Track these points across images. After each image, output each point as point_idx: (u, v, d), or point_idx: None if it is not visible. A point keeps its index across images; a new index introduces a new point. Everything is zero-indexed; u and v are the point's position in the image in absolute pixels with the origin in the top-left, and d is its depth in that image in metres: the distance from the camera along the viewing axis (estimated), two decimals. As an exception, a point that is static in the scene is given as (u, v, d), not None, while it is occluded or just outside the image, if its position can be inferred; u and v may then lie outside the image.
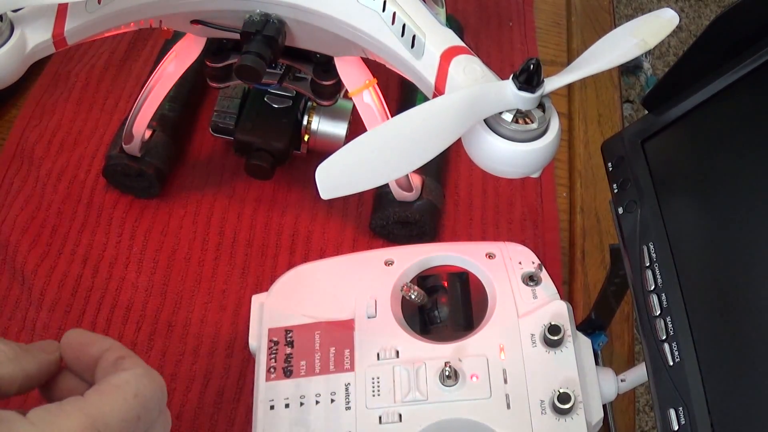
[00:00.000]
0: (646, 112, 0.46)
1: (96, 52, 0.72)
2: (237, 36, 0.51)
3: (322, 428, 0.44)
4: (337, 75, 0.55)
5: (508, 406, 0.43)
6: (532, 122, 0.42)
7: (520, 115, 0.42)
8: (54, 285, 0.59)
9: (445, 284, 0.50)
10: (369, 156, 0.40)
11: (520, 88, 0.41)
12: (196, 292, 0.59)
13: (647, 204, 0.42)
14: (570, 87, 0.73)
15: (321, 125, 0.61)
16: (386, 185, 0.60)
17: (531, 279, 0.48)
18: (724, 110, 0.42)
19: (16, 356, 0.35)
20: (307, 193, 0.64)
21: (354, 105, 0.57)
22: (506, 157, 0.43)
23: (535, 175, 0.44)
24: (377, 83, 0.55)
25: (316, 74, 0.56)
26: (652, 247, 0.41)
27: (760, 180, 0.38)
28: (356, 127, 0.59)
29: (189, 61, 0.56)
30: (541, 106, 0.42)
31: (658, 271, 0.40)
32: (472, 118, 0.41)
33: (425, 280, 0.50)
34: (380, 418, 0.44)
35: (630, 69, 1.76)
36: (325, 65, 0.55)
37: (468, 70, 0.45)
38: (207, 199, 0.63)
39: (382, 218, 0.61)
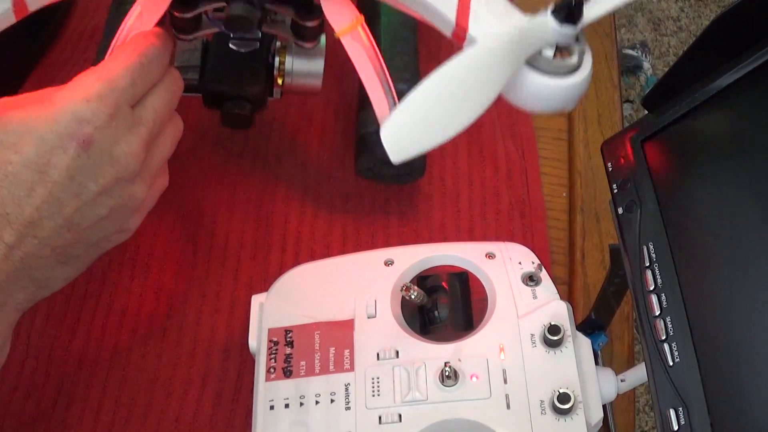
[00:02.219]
0: (646, 112, 0.46)
1: (88, 57, 0.72)
2: None
3: (322, 428, 0.44)
4: (321, 14, 0.51)
5: (508, 407, 0.43)
6: (571, 56, 0.42)
7: (558, 50, 0.42)
8: None
9: (445, 284, 0.50)
10: (431, 111, 0.39)
11: (562, 22, 0.40)
12: (189, 295, 0.59)
13: (647, 204, 0.42)
14: (570, 87, 0.73)
15: (296, 64, 0.57)
16: (367, 123, 0.57)
17: (531, 279, 0.48)
18: (724, 110, 0.42)
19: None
20: (293, 193, 0.64)
21: (325, 38, 0.54)
22: (548, 93, 0.42)
23: (569, 109, 0.44)
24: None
25: (299, 15, 0.51)
26: (651, 247, 0.41)
27: (760, 179, 0.38)
28: (331, 61, 0.57)
29: (157, 15, 0.50)
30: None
31: (657, 271, 0.40)
32: (518, 59, 0.41)
33: (425, 280, 0.50)
34: (380, 418, 0.44)
35: (630, 69, 1.76)
36: (308, 5, 0.51)
37: (491, 3, 0.44)
38: (196, 202, 0.63)
39: (369, 160, 0.58)
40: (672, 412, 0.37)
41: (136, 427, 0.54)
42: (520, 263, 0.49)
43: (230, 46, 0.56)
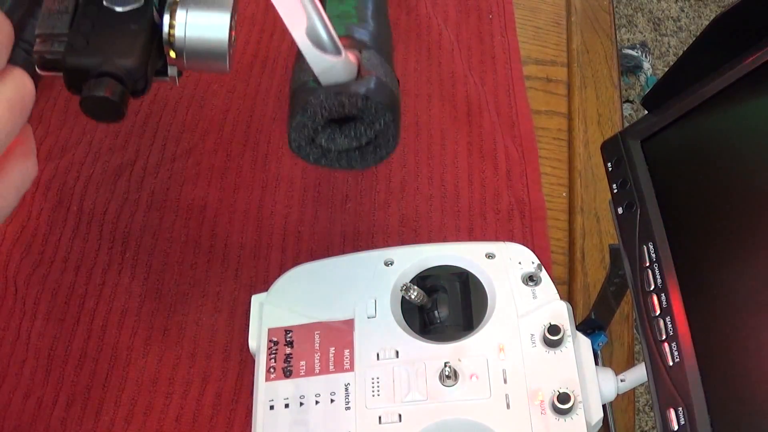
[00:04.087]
0: (646, 112, 0.46)
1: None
2: None
3: (322, 428, 0.44)
4: None
5: (508, 406, 0.43)
6: None
7: None
8: (47, 294, 0.58)
9: (445, 284, 0.50)
10: None
11: None
12: (190, 296, 0.59)
13: (647, 204, 0.42)
14: (570, 87, 0.73)
15: (190, 24, 0.42)
16: (302, 71, 0.40)
17: (531, 279, 0.48)
18: (724, 110, 0.42)
19: None
20: (294, 193, 0.64)
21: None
22: None
23: None
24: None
25: None
26: (651, 246, 0.41)
27: (759, 179, 0.38)
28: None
29: None
30: None
31: (657, 271, 0.40)
32: None
33: (425, 280, 0.50)
34: (380, 418, 0.44)
35: (630, 69, 1.76)
36: None
37: None
38: (197, 203, 0.63)
39: (306, 120, 0.39)
40: (672, 412, 0.37)
41: (137, 427, 0.54)
42: (519, 263, 0.49)
43: (105, 4, 0.42)
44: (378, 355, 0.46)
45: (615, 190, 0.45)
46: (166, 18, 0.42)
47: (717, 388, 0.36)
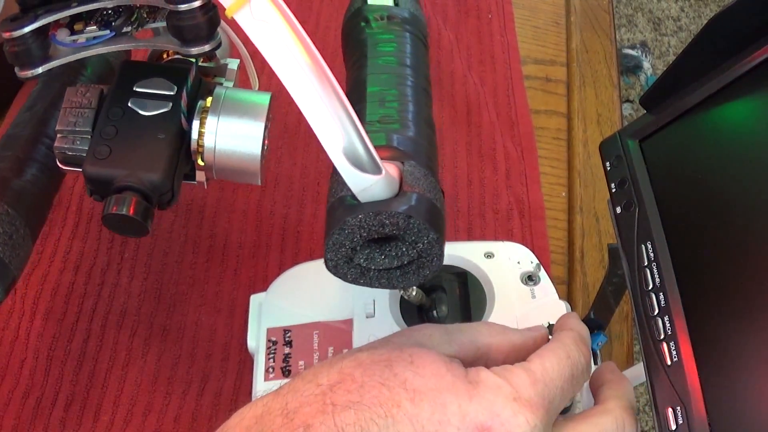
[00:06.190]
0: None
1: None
2: None
3: (321, 428, 0.44)
4: None
5: (507, 406, 0.43)
6: None
7: None
8: (47, 293, 0.59)
9: (444, 284, 0.50)
10: None
11: None
12: (189, 296, 0.59)
13: (645, 203, 0.42)
14: (569, 87, 0.73)
15: (220, 133, 0.39)
16: (339, 183, 0.36)
17: (530, 278, 0.48)
18: (722, 109, 0.42)
19: (503, 330, 0.41)
20: (293, 193, 0.64)
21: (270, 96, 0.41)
22: None
23: None
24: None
25: None
26: (650, 246, 0.41)
27: (758, 179, 0.38)
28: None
29: None
30: None
31: (656, 271, 0.40)
32: None
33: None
34: (379, 417, 0.44)
35: (630, 69, 1.76)
36: None
37: None
38: (196, 204, 0.63)
39: (343, 240, 0.35)
40: (670, 412, 0.37)
41: (136, 426, 0.54)
42: (519, 263, 0.49)
43: (129, 105, 0.40)
44: (377, 354, 0.46)
45: (613, 190, 0.45)
46: (196, 124, 0.39)
47: (715, 388, 0.36)
